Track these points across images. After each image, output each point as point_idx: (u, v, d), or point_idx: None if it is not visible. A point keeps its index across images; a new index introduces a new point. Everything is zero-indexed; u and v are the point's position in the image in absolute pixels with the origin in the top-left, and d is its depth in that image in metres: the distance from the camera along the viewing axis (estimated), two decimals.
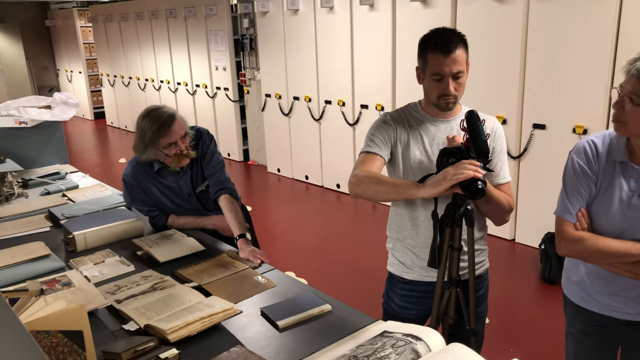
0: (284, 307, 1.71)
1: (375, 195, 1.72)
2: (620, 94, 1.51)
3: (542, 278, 3.77)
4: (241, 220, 2.26)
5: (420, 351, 1.39)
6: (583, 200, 1.63)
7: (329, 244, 4.60)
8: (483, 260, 1.95)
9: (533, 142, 4.10)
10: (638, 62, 1.46)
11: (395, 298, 1.98)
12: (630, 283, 1.63)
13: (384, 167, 1.86)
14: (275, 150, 6.65)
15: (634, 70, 1.46)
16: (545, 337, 3.06)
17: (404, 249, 1.93)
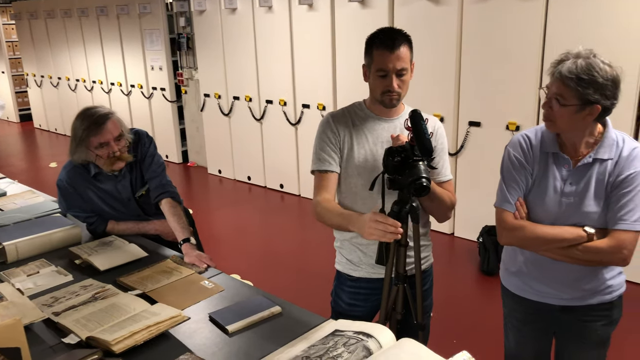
0: (233, 311, 1.68)
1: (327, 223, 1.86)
2: (547, 95, 1.61)
3: (481, 270, 3.91)
4: (185, 224, 2.20)
5: (372, 348, 1.41)
6: (520, 191, 1.72)
7: (274, 245, 4.58)
8: (428, 255, 2.00)
9: (469, 139, 4.25)
10: (560, 66, 1.56)
11: (343, 296, 2.00)
12: (565, 269, 1.73)
13: None
14: (215, 151, 6.54)
15: (557, 73, 1.57)
16: (486, 326, 3.18)
17: (352, 247, 1.94)
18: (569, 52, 1.58)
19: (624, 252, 1.61)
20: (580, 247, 1.66)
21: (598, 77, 1.51)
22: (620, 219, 1.61)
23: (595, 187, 1.64)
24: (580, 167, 1.66)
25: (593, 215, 1.65)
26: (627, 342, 2.96)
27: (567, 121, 1.59)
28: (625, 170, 1.61)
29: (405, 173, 1.60)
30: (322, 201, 1.86)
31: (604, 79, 1.52)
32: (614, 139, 1.64)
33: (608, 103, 1.55)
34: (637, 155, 1.61)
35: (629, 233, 1.61)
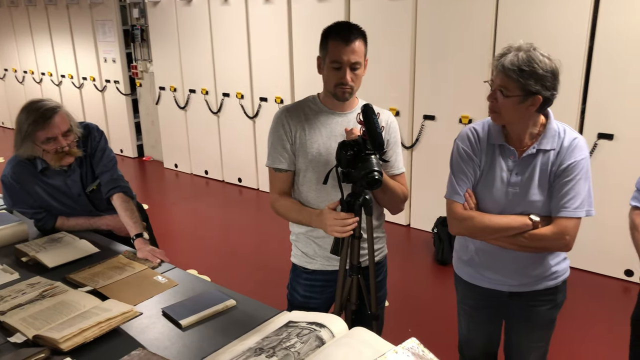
0: (186, 306, 1.67)
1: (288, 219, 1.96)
2: (492, 88, 1.67)
3: (436, 260, 4.01)
4: (137, 219, 2.16)
5: (324, 337, 1.43)
6: (469, 182, 1.78)
7: (232, 239, 4.55)
8: (381, 247, 2.03)
9: (424, 133, 4.33)
10: (503, 58, 1.63)
11: (299, 288, 2.01)
12: (513, 257, 1.79)
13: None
14: (171, 145, 6.43)
15: (499, 66, 1.64)
16: (440, 315, 3.26)
17: (307, 240, 1.96)
18: (510, 45, 1.65)
19: (566, 238, 1.69)
20: (526, 235, 1.73)
21: (538, 68, 1.58)
22: (562, 206, 1.68)
23: (539, 177, 1.71)
24: (525, 157, 1.72)
25: (538, 204, 1.72)
26: (571, 323, 3.10)
27: (511, 112, 1.66)
28: (567, 160, 1.68)
29: (358, 166, 1.63)
30: (279, 198, 1.92)
31: (543, 70, 1.59)
32: (556, 130, 1.71)
33: (548, 94, 1.62)
34: (577, 145, 1.69)
35: (571, 220, 1.68)
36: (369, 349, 1.35)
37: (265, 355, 1.34)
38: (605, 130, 3.49)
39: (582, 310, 3.27)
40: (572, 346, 2.94)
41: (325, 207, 1.79)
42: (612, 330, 3.02)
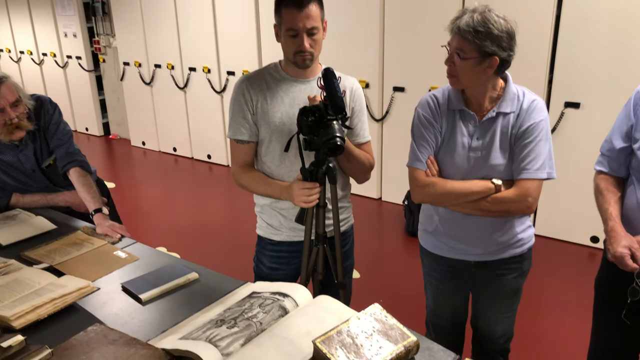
0: (147, 280, 1.63)
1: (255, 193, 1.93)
2: (449, 51, 1.65)
3: (407, 232, 4.02)
4: (95, 194, 2.09)
5: (288, 307, 1.40)
6: (431, 149, 1.76)
7: (202, 216, 4.49)
8: (348, 217, 2.01)
9: (394, 105, 4.31)
10: (458, 21, 1.61)
11: (264, 260, 1.98)
12: (479, 225, 1.79)
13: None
14: (138, 123, 6.28)
15: (455, 28, 1.62)
16: (412, 285, 3.28)
17: (272, 212, 1.92)
18: (466, 8, 1.63)
19: (529, 200, 1.69)
20: (489, 199, 1.72)
21: (494, 29, 1.56)
22: (523, 168, 1.68)
23: (500, 140, 1.70)
24: (485, 121, 1.71)
25: (499, 168, 1.71)
26: (537, 290, 3.16)
27: (469, 75, 1.64)
28: (526, 122, 1.68)
29: (319, 133, 1.59)
30: (242, 171, 1.88)
31: (499, 31, 1.57)
32: (515, 92, 1.70)
33: (505, 54, 1.60)
34: (536, 107, 1.69)
35: (532, 181, 1.68)
36: (333, 316, 1.33)
37: (226, 326, 1.31)
38: (572, 99, 3.51)
39: (549, 278, 3.33)
40: (538, 313, 2.99)
41: (294, 179, 1.75)
42: (578, 296, 3.08)
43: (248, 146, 1.85)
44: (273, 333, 1.28)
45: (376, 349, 1.16)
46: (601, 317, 1.90)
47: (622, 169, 1.74)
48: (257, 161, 1.92)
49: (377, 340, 1.18)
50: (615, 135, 1.73)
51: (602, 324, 1.90)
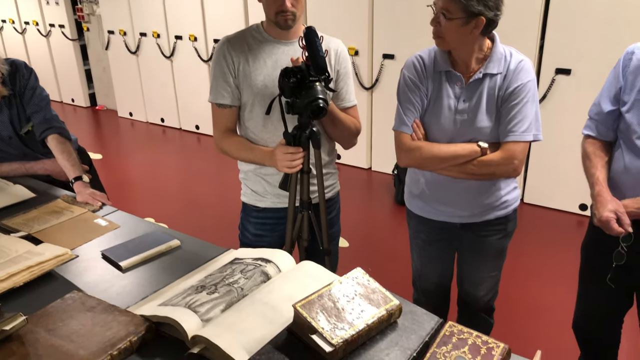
0: (128, 248, 1.59)
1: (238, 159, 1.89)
2: (435, 12, 1.59)
3: (396, 201, 4.01)
4: (75, 161, 2.04)
5: (270, 273, 1.38)
6: (417, 112, 1.72)
7: (191, 187, 4.44)
8: (334, 184, 1.98)
9: (384, 73, 4.24)
10: None
11: (249, 227, 1.95)
12: (464, 187, 1.77)
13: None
14: (125, 93, 6.17)
15: None
16: (400, 253, 3.28)
17: (256, 178, 1.89)
18: None
19: (515, 163, 1.67)
20: (475, 162, 1.70)
21: None
22: (510, 131, 1.65)
23: (487, 102, 1.67)
24: (471, 83, 1.67)
25: (486, 130, 1.68)
26: (524, 257, 3.17)
27: (455, 36, 1.59)
28: (513, 83, 1.64)
29: (301, 95, 1.54)
30: (224, 137, 1.84)
31: None
32: (502, 53, 1.66)
33: (492, 14, 1.56)
34: (524, 68, 1.65)
35: (518, 144, 1.66)
36: (316, 281, 1.31)
37: (206, 292, 1.28)
38: (563, 66, 3.47)
39: (537, 245, 3.34)
40: (525, 279, 3.01)
41: (277, 144, 1.71)
42: (565, 262, 3.10)
43: (230, 111, 1.80)
44: (254, 298, 1.26)
45: (358, 312, 1.14)
46: (587, 281, 1.90)
47: (610, 133, 1.72)
48: (239, 126, 1.87)
49: (358, 304, 1.16)
50: (603, 98, 1.70)
51: (587, 289, 1.90)
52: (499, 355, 1.08)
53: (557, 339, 2.45)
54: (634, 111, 1.59)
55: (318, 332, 1.07)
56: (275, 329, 1.15)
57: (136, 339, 1.18)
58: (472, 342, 1.11)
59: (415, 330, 1.18)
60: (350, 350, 1.10)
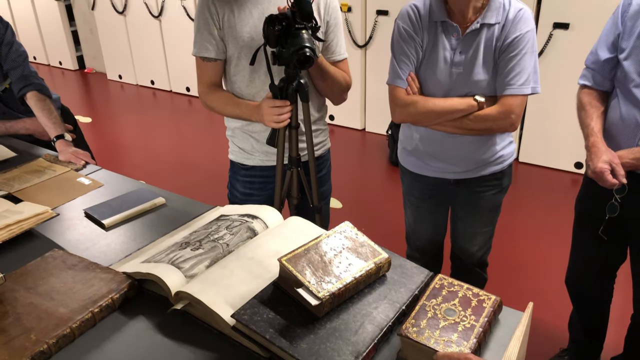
0: (111, 206, 1.55)
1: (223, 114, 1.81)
2: None
3: (390, 161, 3.97)
4: (57, 119, 1.97)
5: (257, 229, 1.34)
6: (411, 64, 1.66)
7: (183, 150, 4.38)
8: (324, 141, 1.92)
9: (377, 30, 4.13)
10: None
11: (238, 186, 1.91)
12: (459, 143, 1.73)
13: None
14: (113, 55, 6.03)
15: None
16: (393, 213, 3.26)
17: (244, 135, 1.83)
18: None
19: (512, 117, 1.62)
20: (471, 117, 1.65)
21: None
22: (507, 84, 1.59)
23: (484, 54, 1.61)
24: (468, 34, 1.60)
25: (482, 84, 1.63)
26: (519, 216, 3.16)
27: None
28: (512, 34, 1.57)
29: (287, 44, 1.47)
30: (209, 91, 1.77)
31: None
32: (501, 2, 1.59)
33: None
34: (523, 17, 1.58)
35: (516, 98, 1.60)
36: (304, 237, 1.27)
37: (190, 248, 1.25)
38: (561, 20, 3.37)
39: (532, 203, 3.32)
40: (519, 236, 3.00)
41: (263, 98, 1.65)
42: (559, 220, 3.08)
43: (215, 64, 1.73)
44: (240, 254, 1.22)
45: (345, 265, 1.11)
46: (580, 235, 1.88)
47: (606, 82, 1.66)
48: (225, 81, 1.80)
49: (346, 257, 1.13)
50: (601, 46, 1.64)
51: (580, 243, 1.88)
52: (490, 308, 1.05)
53: (550, 295, 2.45)
54: (633, 58, 1.53)
55: (304, 285, 1.04)
56: (261, 284, 1.12)
57: (118, 296, 1.15)
58: (462, 295, 1.08)
59: (404, 284, 1.16)
60: (338, 304, 1.07)
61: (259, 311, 1.04)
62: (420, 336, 0.97)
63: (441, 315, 1.03)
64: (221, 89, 1.79)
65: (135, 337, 1.09)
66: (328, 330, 1.02)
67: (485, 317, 1.02)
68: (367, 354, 0.98)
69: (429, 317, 1.02)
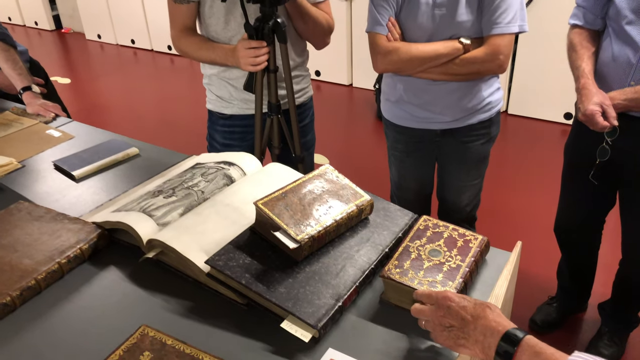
0: (82, 157, 1.48)
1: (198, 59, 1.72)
2: None
3: (378, 117, 3.89)
4: (22, 70, 1.87)
5: (234, 176, 1.28)
6: (391, 9, 1.58)
7: (167, 109, 4.26)
8: (305, 88, 1.84)
9: None
10: None
11: (217, 136, 1.84)
12: (445, 90, 1.65)
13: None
14: (91, 14, 5.81)
15: None
16: (381, 169, 3.20)
17: (221, 82, 1.75)
18: None
19: (500, 58, 1.55)
20: (457, 61, 1.57)
21: None
22: (494, 23, 1.52)
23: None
24: None
25: (467, 25, 1.55)
26: (507, 168, 3.12)
27: None
28: None
29: None
30: (182, 35, 1.68)
31: None
32: None
33: None
34: None
35: (503, 37, 1.53)
36: (283, 183, 1.21)
37: (163, 196, 1.18)
38: None
39: (521, 156, 3.28)
40: (508, 188, 2.96)
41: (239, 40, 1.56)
42: (549, 171, 3.05)
43: (188, 7, 1.63)
44: (216, 201, 1.16)
45: (325, 209, 1.05)
46: (569, 181, 1.83)
47: (597, 21, 1.59)
48: (200, 25, 1.71)
49: (326, 200, 1.07)
50: None
51: (570, 189, 1.84)
52: (477, 248, 1.01)
53: (540, 246, 2.43)
54: None
55: (282, 229, 0.99)
56: (237, 231, 1.06)
57: (87, 246, 1.10)
58: (448, 235, 1.03)
59: (387, 227, 1.10)
60: (318, 248, 1.02)
61: (234, 257, 0.98)
62: (403, 277, 0.92)
63: (425, 256, 0.98)
64: (195, 32, 1.70)
65: (107, 288, 1.04)
66: (307, 274, 0.97)
67: (471, 257, 0.98)
68: (348, 297, 0.94)
69: (412, 258, 0.97)
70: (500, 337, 0.72)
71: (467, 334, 0.76)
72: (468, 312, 0.77)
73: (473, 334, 0.75)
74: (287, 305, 0.90)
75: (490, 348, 0.73)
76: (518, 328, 0.73)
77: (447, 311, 0.78)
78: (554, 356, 0.67)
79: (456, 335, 0.78)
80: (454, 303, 0.78)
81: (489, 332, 0.74)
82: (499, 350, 0.72)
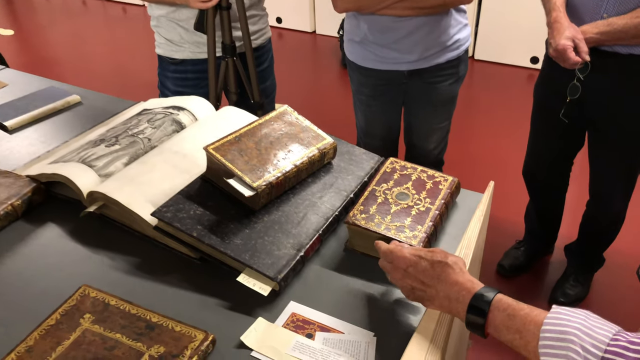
0: (17, 106, 1.34)
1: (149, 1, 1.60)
2: None
3: (342, 64, 3.76)
4: None
5: (184, 121, 1.17)
6: None
7: (121, 60, 4.02)
8: (263, 29, 1.71)
9: None
10: None
11: (168, 83, 1.71)
12: (411, 26, 1.56)
13: None
14: None
15: None
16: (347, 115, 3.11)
17: (170, 24, 1.61)
18: None
19: None
20: None
21: None
22: None
23: None
24: None
25: None
26: (475, 115, 3.08)
27: None
28: None
29: None
30: None
31: None
32: None
33: None
34: None
35: None
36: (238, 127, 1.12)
37: (105, 144, 1.07)
38: None
39: (488, 101, 3.23)
40: (477, 135, 2.93)
41: None
42: (516, 115, 3.01)
43: None
44: (163, 148, 1.06)
45: (284, 153, 0.96)
46: (538, 122, 1.79)
47: None
48: None
49: (285, 144, 0.98)
50: None
51: (539, 130, 1.80)
52: (447, 189, 0.94)
53: (507, 191, 2.41)
54: None
55: (236, 176, 0.90)
56: (187, 180, 0.97)
57: (20, 202, 0.99)
58: (416, 178, 0.96)
59: (352, 171, 1.03)
60: (277, 196, 0.94)
61: (184, 207, 0.89)
62: (369, 223, 0.85)
63: (392, 200, 0.91)
64: None
65: (44, 246, 0.94)
66: (266, 224, 0.89)
67: (441, 200, 0.91)
68: (310, 246, 0.86)
69: (379, 202, 0.90)
70: (467, 308, 0.66)
71: (431, 296, 0.71)
72: (427, 275, 0.70)
73: (437, 299, 0.70)
74: (244, 258, 0.82)
75: (459, 314, 0.67)
76: (483, 290, 0.66)
77: (405, 274, 0.72)
78: (529, 316, 0.61)
79: (420, 296, 0.72)
80: (411, 266, 0.72)
81: (453, 297, 0.68)
82: (469, 320, 0.66)
